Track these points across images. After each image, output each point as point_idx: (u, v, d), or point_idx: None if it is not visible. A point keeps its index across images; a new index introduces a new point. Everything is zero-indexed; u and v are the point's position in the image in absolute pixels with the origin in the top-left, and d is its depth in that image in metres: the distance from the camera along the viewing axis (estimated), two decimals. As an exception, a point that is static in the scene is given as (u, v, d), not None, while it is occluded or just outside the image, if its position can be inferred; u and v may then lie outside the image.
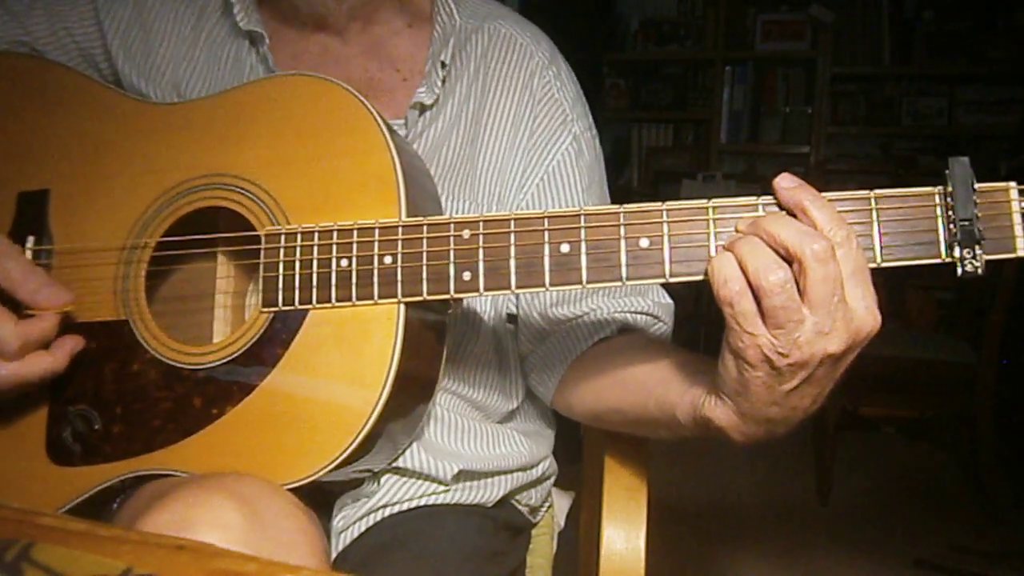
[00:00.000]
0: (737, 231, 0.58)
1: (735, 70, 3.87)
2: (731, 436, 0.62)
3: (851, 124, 3.82)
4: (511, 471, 0.88)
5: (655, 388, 0.71)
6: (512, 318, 0.89)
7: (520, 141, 0.85)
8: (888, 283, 2.85)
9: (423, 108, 0.83)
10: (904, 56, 3.70)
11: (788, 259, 0.54)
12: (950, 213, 0.55)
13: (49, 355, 0.69)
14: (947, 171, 0.55)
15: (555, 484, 1.02)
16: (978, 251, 0.55)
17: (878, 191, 0.57)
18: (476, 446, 0.85)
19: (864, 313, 0.55)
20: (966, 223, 0.54)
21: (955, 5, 3.62)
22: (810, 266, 0.53)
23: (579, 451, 1.10)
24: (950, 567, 2.17)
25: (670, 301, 0.88)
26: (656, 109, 4.05)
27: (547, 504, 1.03)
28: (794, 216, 0.57)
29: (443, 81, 0.83)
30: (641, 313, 0.85)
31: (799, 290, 0.54)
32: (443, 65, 0.83)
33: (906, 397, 2.77)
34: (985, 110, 3.66)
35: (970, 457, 2.63)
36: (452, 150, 0.84)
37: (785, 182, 0.57)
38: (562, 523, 1.05)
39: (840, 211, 0.57)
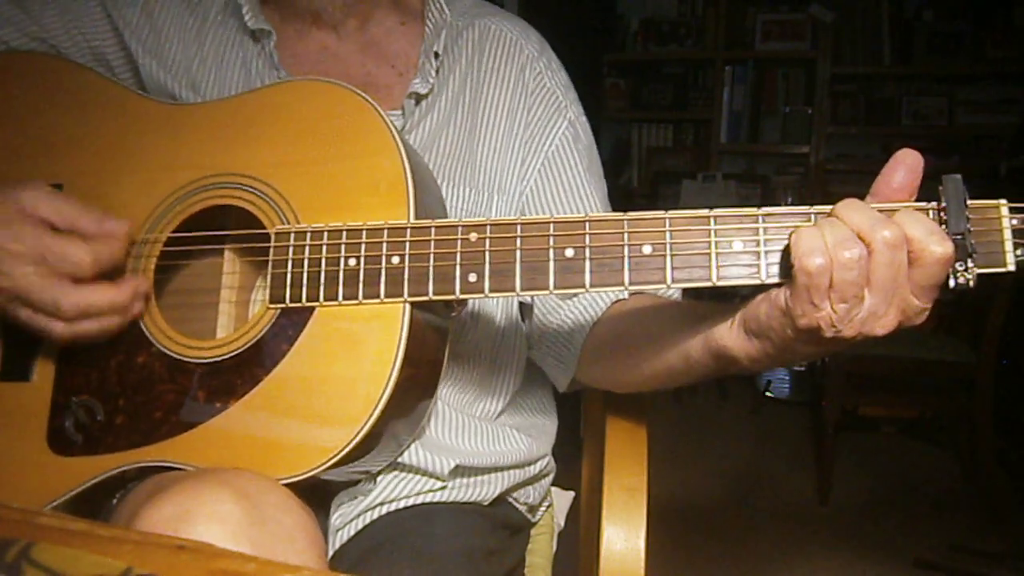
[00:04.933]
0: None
1: (735, 70, 3.87)
2: (740, 361, 0.62)
3: (851, 124, 3.82)
4: (508, 468, 0.88)
5: (675, 313, 0.73)
6: (523, 308, 0.90)
7: (517, 131, 0.88)
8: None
9: (419, 98, 0.86)
10: (904, 56, 3.69)
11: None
12: (943, 228, 0.56)
13: (114, 287, 0.69)
14: (940, 188, 0.57)
15: (555, 484, 1.02)
16: (970, 264, 0.56)
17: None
18: (473, 442, 0.86)
19: (914, 312, 0.56)
20: (958, 237, 0.56)
21: (955, 5, 3.62)
22: (878, 250, 0.54)
23: (579, 451, 1.10)
24: (950, 567, 2.17)
25: None
26: (656, 109, 4.04)
27: (546, 503, 1.03)
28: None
29: (436, 72, 0.86)
30: None
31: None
32: (436, 56, 0.86)
33: (906, 397, 2.77)
34: (985, 110, 3.65)
35: (970, 457, 2.63)
36: (450, 139, 0.86)
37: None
38: (562, 523, 1.05)
39: None
